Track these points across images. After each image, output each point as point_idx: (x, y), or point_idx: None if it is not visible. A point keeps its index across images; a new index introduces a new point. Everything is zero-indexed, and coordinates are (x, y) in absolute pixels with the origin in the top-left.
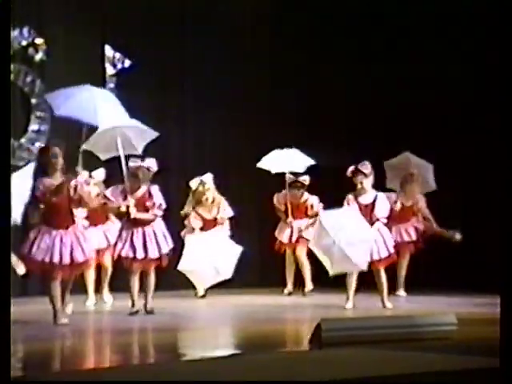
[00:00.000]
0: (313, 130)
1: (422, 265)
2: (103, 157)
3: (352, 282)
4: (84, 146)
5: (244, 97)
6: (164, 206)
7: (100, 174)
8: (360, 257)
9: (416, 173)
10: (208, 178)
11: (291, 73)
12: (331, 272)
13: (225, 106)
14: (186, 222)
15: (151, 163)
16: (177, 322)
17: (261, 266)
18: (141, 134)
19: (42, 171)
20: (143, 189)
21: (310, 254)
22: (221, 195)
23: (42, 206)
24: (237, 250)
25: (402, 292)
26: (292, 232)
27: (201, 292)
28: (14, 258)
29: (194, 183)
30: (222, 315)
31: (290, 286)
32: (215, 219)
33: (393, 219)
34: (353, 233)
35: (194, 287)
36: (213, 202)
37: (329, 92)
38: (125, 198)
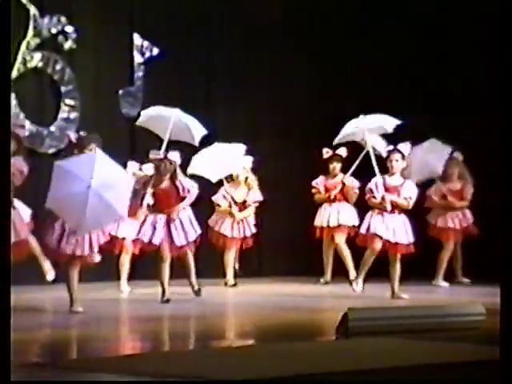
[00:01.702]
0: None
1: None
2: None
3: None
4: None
5: (273, 82)
6: (195, 190)
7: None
8: None
9: (458, 157)
10: (247, 158)
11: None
12: None
13: (254, 93)
14: (213, 198)
15: (174, 156)
16: (203, 309)
17: (291, 255)
18: (197, 127)
19: None
20: (166, 183)
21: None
22: (255, 180)
23: None
24: None
25: (442, 282)
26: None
27: (231, 281)
28: (46, 265)
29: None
30: (249, 304)
31: (327, 276)
32: (244, 203)
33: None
34: None
35: (224, 275)
36: (245, 181)
37: (338, 86)
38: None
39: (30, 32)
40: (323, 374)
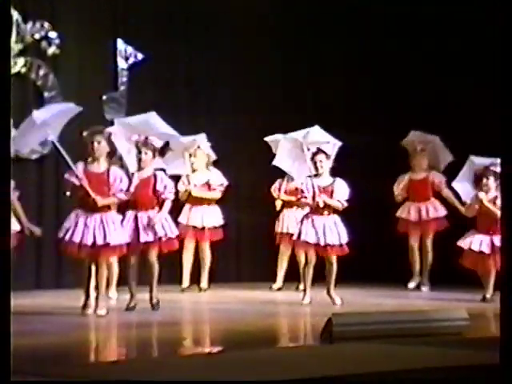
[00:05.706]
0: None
1: (432, 259)
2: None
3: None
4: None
5: (255, 90)
6: (174, 190)
7: None
8: None
9: (422, 147)
10: (206, 144)
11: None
12: None
13: (237, 99)
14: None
15: (155, 140)
16: (178, 315)
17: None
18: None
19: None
20: (148, 170)
21: None
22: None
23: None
24: None
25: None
26: None
27: (185, 284)
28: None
29: (189, 144)
30: (230, 309)
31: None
32: (208, 185)
33: (410, 197)
34: None
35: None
36: (206, 167)
37: (335, 80)
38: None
39: (13, 37)
40: (307, 379)
